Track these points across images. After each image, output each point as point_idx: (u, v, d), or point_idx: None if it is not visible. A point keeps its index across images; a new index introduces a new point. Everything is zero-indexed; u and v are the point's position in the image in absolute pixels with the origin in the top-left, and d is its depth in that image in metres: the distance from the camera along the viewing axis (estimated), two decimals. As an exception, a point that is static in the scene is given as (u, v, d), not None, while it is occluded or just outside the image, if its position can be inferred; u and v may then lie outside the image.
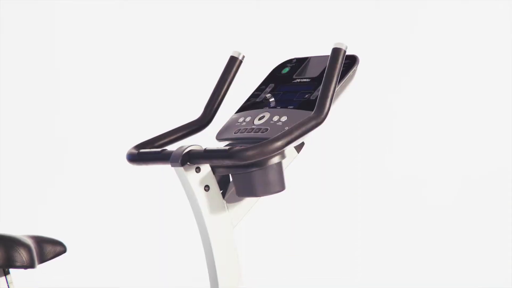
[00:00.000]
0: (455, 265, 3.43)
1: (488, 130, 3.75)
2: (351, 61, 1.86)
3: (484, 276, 3.34)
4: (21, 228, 2.55)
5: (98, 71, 3.88)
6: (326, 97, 1.74)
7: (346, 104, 1.90)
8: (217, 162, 1.76)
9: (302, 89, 1.88)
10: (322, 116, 1.73)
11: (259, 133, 1.82)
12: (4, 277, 1.74)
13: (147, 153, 1.88)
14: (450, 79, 3.78)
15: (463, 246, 3.54)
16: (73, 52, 3.88)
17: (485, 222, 3.61)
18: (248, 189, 1.80)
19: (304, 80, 1.91)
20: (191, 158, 1.78)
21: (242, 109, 1.95)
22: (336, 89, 1.76)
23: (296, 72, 1.95)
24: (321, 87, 1.75)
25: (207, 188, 1.82)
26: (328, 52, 1.79)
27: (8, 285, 1.74)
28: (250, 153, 1.68)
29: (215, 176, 1.83)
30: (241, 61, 2.01)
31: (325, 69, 1.78)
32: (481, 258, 3.48)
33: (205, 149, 1.77)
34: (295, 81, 1.93)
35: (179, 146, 1.80)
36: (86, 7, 3.87)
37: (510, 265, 3.53)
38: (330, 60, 1.77)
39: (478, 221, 3.61)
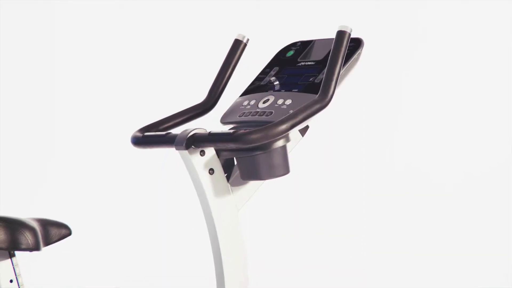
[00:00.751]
0: (458, 254, 3.42)
1: (494, 122, 3.73)
2: (356, 44, 1.86)
3: (485, 265, 3.33)
4: (26, 211, 2.57)
5: (102, 54, 3.88)
6: (331, 80, 1.73)
7: (350, 87, 1.90)
8: (221, 146, 1.76)
9: (306, 72, 1.87)
10: (327, 99, 1.73)
11: (264, 116, 1.82)
12: (9, 260, 1.75)
13: (151, 136, 1.88)
14: (456, 69, 3.76)
15: (465, 237, 3.52)
16: (77, 32, 3.88)
17: (489, 214, 3.59)
18: (252, 173, 1.80)
19: (309, 63, 1.91)
20: (195, 142, 1.78)
21: (246, 92, 1.95)
22: (341, 72, 1.76)
23: (301, 55, 1.95)
24: (325, 70, 1.75)
25: (211, 171, 1.82)
26: (332, 35, 1.78)
27: (13, 267, 1.75)
28: (254, 136, 1.68)
29: (219, 159, 1.83)
30: (245, 44, 2.01)
31: (329, 52, 1.77)
32: (484, 249, 3.47)
33: (209, 132, 1.77)
34: (300, 64, 1.92)
35: (184, 129, 1.80)
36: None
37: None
38: (334, 43, 1.76)
39: (481, 213, 3.60)
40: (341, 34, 1.76)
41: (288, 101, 1.82)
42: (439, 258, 3.36)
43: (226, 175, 1.85)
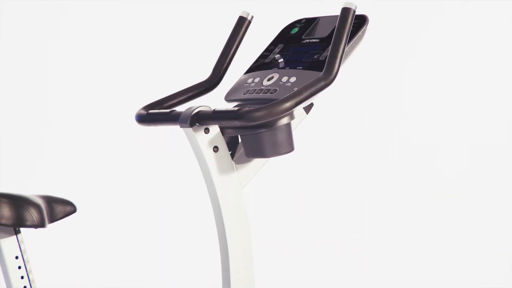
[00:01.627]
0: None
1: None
2: (361, 21, 1.85)
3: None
4: (31, 188, 2.57)
5: (107, 29, 3.87)
6: (335, 57, 1.73)
7: (355, 64, 1.89)
8: (226, 123, 1.76)
9: (311, 50, 1.87)
10: (331, 76, 1.72)
11: (268, 94, 1.82)
12: (15, 236, 1.76)
13: (156, 114, 1.88)
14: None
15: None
16: (81, 6, 3.87)
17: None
18: (257, 150, 1.80)
19: (313, 40, 1.90)
20: (200, 119, 1.78)
21: (251, 70, 1.95)
22: (346, 49, 1.76)
23: (305, 33, 1.94)
24: (330, 47, 1.74)
25: (216, 149, 1.82)
26: (337, 12, 1.78)
27: (19, 244, 1.76)
28: (259, 114, 1.68)
29: (224, 137, 1.83)
30: (250, 22, 2.00)
31: (334, 29, 1.76)
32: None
33: (214, 110, 1.77)
34: (304, 41, 1.92)
35: (188, 107, 1.80)
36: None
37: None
38: (339, 20, 1.75)
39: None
40: (346, 11, 1.76)
41: (293, 79, 1.81)
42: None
43: (230, 152, 1.85)
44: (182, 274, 3.56)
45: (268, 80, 1.86)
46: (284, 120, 1.78)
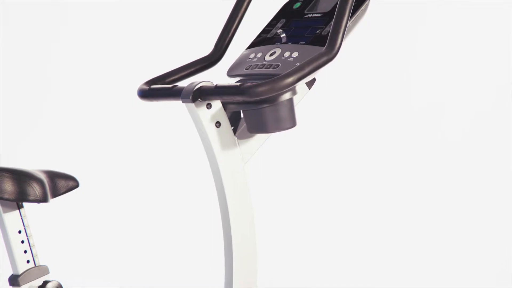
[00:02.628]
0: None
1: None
2: (363, -4, 1.84)
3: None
4: (34, 163, 2.58)
5: (108, 5, 3.86)
6: (338, 32, 1.72)
7: (358, 39, 1.89)
8: (228, 98, 1.76)
9: (313, 24, 1.86)
10: (334, 51, 1.71)
11: (270, 69, 1.81)
12: (18, 211, 1.77)
13: (158, 89, 1.88)
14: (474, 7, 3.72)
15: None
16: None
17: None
18: (259, 125, 1.80)
19: (316, 15, 1.89)
20: (202, 94, 1.78)
21: (253, 45, 1.94)
22: (348, 24, 1.75)
23: (308, 7, 1.93)
24: (332, 22, 1.73)
25: (218, 124, 1.82)
26: (340, -13, 1.76)
27: (22, 218, 1.77)
28: (261, 89, 1.67)
29: (226, 112, 1.83)
30: (252, -4, 1.99)
31: (337, 4, 1.76)
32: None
33: (216, 85, 1.77)
34: (307, 16, 1.91)
35: (190, 82, 1.80)
36: None
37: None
38: (342, -6, 1.75)
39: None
40: (348, -15, 1.75)
41: (295, 54, 1.81)
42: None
43: (232, 128, 1.85)
44: (181, 247, 3.58)
45: (270, 55, 1.86)
46: (286, 95, 1.77)
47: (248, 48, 1.94)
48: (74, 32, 3.88)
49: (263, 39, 1.93)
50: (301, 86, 1.84)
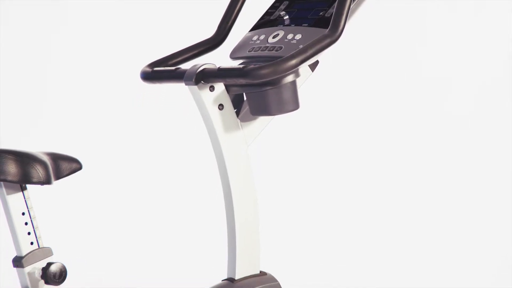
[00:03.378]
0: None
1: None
2: (367, -23, 1.84)
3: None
4: (37, 145, 2.58)
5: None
6: (341, 14, 1.71)
7: (361, 21, 1.88)
8: (231, 81, 1.76)
9: (316, 6, 1.86)
10: (337, 33, 1.71)
11: (273, 51, 1.81)
12: (21, 193, 1.77)
13: (161, 71, 1.87)
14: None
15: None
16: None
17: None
18: (262, 108, 1.80)
19: (319, -3, 1.89)
20: (205, 77, 1.78)
21: (256, 27, 1.94)
22: (351, 6, 1.74)
23: (311, -11, 1.93)
24: (336, 4, 1.73)
25: (221, 106, 1.82)
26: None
27: (25, 200, 1.77)
28: (264, 71, 1.67)
29: (229, 95, 1.83)
30: (255, -22, 1.99)
31: (340, -14, 1.75)
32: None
33: (219, 67, 1.77)
34: (310, -2, 1.91)
35: (193, 64, 1.80)
36: None
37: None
38: (345, -24, 1.74)
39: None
40: (352, -33, 1.74)
41: (298, 36, 1.80)
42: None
43: (235, 110, 1.85)
44: (182, 231, 3.59)
45: (274, 37, 1.85)
46: (289, 78, 1.77)
47: (251, 30, 1.94)
48: (78, 16, 3.88)
49: (266, 21, 1.93)
50: (304, 68, 1.83)
